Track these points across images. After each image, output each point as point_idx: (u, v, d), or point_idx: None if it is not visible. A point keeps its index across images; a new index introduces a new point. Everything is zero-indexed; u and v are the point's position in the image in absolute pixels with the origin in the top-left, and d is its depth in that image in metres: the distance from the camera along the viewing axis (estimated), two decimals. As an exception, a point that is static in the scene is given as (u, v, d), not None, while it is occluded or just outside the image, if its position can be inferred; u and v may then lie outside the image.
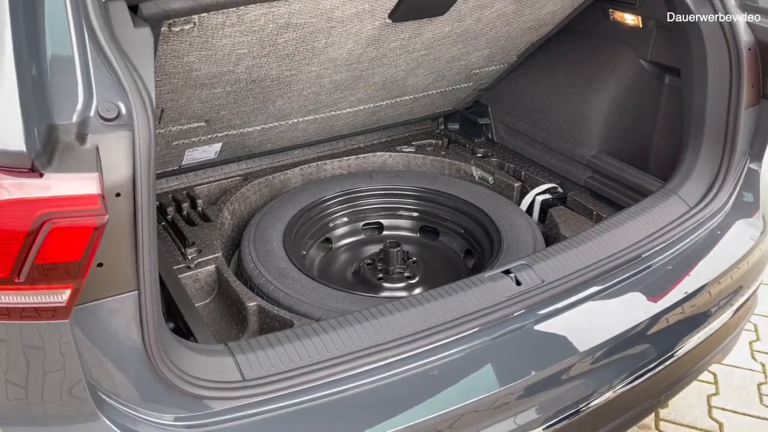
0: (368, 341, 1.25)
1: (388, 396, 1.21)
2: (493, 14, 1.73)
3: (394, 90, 2.03)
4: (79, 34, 0.98)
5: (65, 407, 1.00)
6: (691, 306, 1.54)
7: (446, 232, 2.11)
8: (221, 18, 1.26)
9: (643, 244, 1.58)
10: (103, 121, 0.95)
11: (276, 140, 2.06)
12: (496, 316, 1.35)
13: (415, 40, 1.73)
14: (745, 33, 1.67)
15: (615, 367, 1.41)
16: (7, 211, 0.87)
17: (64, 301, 0.93)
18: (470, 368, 1.28)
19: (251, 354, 1.20)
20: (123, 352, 1.04)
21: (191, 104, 1.58)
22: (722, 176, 1.76)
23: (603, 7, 1.98)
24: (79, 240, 0.90)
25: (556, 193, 2.11)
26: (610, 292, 1.48)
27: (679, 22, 1.74)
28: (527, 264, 1.47)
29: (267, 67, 1.54)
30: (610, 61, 2.05)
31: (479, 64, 2.08)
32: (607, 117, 2.07)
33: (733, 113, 1.72)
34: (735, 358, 2.49)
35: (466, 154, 2.36)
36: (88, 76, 0.97)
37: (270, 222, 1.90)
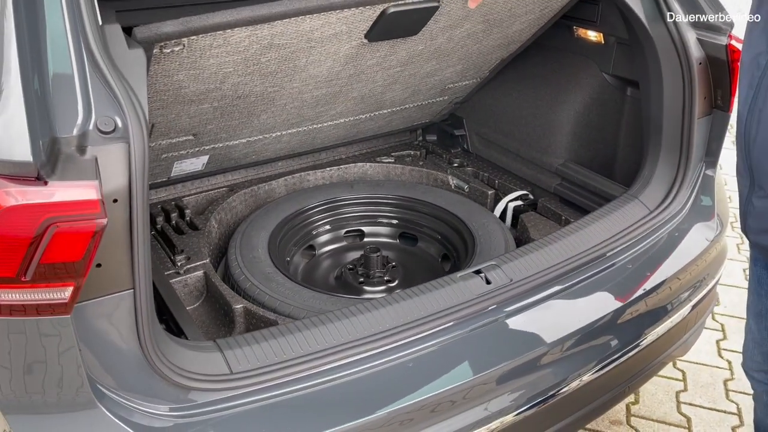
0: (348, 336, 1.35)
1: (366, 386, 1.30)
2: (464, 33, 1.84)
3: (373, 104, 2.13)
4: (78, 55, 1.07)
5: (66, 397, 1.09)
6: (651, 301, 1.65)
7: (424, 237, 2.20)
8: (209, 40, 1.35)
9: (606, 245, 1.69)
10: (101, 134, 1.04)
11: (260, 152, 2.15)
12: (467, 312, 1.44)
13: (390, 57, 1.83)
14: (695, 49, 1.79)
15: (580, 357, 1.51)
16: (15, 216, 0.95)
17: (66, 298, 1.02)
18: (443, 360, 1.38)
19: (238, 349, 1.29)
20: (119, 346, 1.12)
21: (180, 119, 1.67)
22: (679, 182, 1.87)
23: (568, 24, 2.10)
24: (81, 242, 0.99)
25: (527, 200, 2.21)
26: (575, 289, 1.59)
27: (636, 38, 1.87)
28: (496, 264, 1.57)
29: (251, 84, 1.64)
30: (575, 75, 2.16)
31: (453, 79, 2.19)
32: (573, 127, 2.18)
33: (688, 123, 1.84)
34: (703, 356, 2.61)
35: (443, 164, 2.47)
36: (87, 92, 1.06)
37: (255, 230, 1.99)
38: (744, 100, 1.26)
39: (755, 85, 1.22)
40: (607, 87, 2.11)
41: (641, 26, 1.82)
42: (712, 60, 1.79)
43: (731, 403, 2.39)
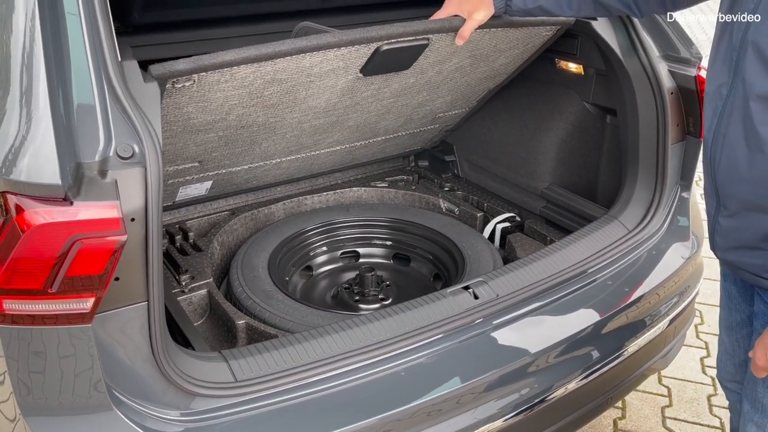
0: (344, 347, 1.44)
1: (362, 394, 1.40)
2: (452, 67, 1.97)
3: (367, 132, 2.25)
4: (100, 88, 1.18)
5: (84, 401, 1.17)
6: (630, 315, 1.75)
7: (417, 258, 2.31)
8: (217, 76, 1.47)
9: (587, 262, 1.79)
10: (120, 160, 1.14)
11: (261, 178, 2.26)
12: (456, 325, 1.54)
13: (384, 90, 1.95)
14: (667, 79, 1.92)
15: (563, 367, 1.60)
16: (45, 233, 1.06)
17: (88, 308, 1.11)
18: (434, 369, 1.47)
19: (242, 359, 1.38)
20: (134, 354, 1.22)
21: (187, 147, 1.78)
22: (656, 203, 1.98)
23: (550, 57, 2.23)
24: (103, 257, 1.09)
25: (515, 222, 2.31)
26: (558, 303, 1.69)
27: (612, 70, 2.00)
28: (484, 281, 1.68)
29: (254, 115, 1.75)
30: (558, 104, 2.29)
31: (443, 109, 2.32)
32: (557, 153, 2.30)
33: (662, 148, 1.96)
34: (687, 373, 2.70)
35: (435, 188, 2.58)
36: (108, 122, 1.16)
37: (256, 251, 2.09)
38: (709, 127, 1.37)
39: (719, 113, 1.32)
40: (587, 115, 2.23)
41: (617, 59, 1.95)
42: (682, 90, 1.92)
43: (714, 417, 2.47)
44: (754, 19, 1.21)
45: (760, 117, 1.21)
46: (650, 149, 1.98)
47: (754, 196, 1.28)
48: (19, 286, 1.08)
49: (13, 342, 1.13)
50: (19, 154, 1.10)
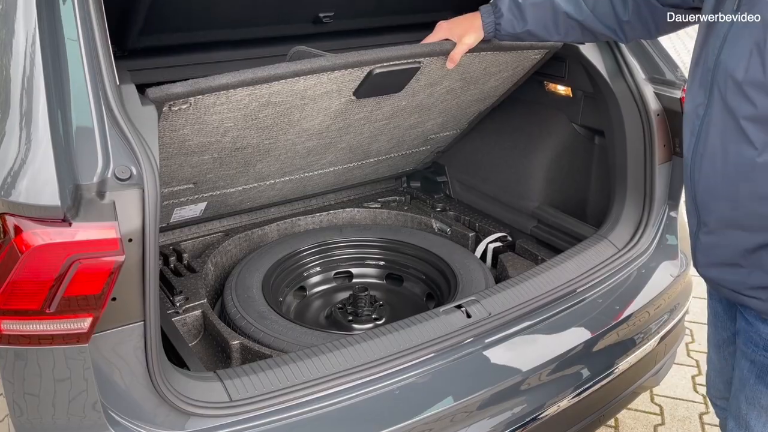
0: (339, 366, 1.45)
1: (357, 412, 1.40)
2: (443, 90, 2.01)
3: (360, 154, 2.28)
4: (98, 111, 1.21)
5: (79, 421, 1.18)
6: (620, 333, 1.77)
7: (409, 278, 2.32)
8: (213, 99, 1.49)
9: (577, 281, 1.81)
10: (118, 181, 1.16)
11: (255, 199, 2.28)
12: (449, 343, 1.55)
13: (376, 112, 1.98)
14: (653, 101, 1.97)
15: (555, 385, 1.62)
16: (44, 254, 1.07)
17: (86, 328, 1.12)
18: (428, 387, 1.48)
19: (237, 379, 1.39)
20: (130, 374, 1.22)
21: (182, 169, 1.80)
22: (645, 222, 2.02)
23: (539, 79, 2.28)
24: (101, 277, 1.10)
25: (506, 241, 2.34)
26: (549, 321, 1.71)
27: (599, 92, 2.05)
28: (476, 299, 1.69)
29: (249, 137, 1.78)
30: (547, 125, 2.33)
31: (434, 130, 2.35)
32: (547, 173, 2.34)
33: (650, 169, 2.00)
34: (679, 391, 2.71)
35: (427, 209, 2.61)
36: (106, 144, 1.19)
37: (249, 272, 2.10)
38: (688, 146, 1.40)
39: (696, 133, 1.36)
40: (576, 136, 2.27)
41: (604, 82, 2.00)
42: (668, 111, 1.97)
43: (707, 435, 2.49)
44: (724, 45, 1.25)
45: (734, 136, 1.25)
46: (638, 169, 2.02)
47: (732, 213, 1.31)
48: (17, 306, 1.09)
49: (9, 362, 1.13)
50: (18, 176, 1.12)
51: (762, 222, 1.27)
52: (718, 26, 1.29)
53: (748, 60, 1.18)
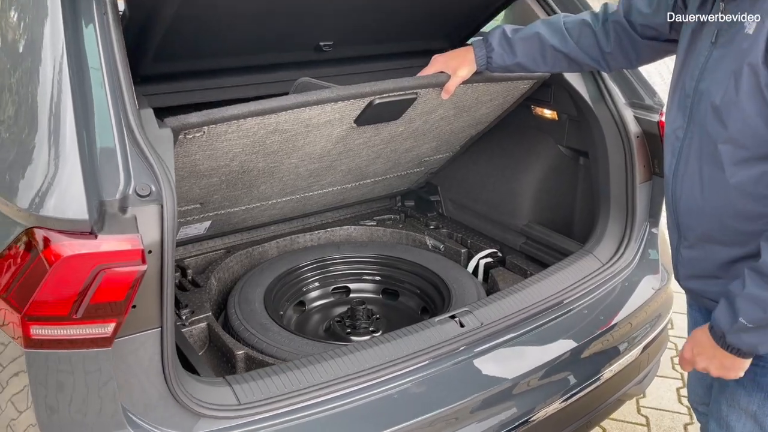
0: (340, 372, 1.54)
1: (356, 415, 1.49)
2: (438, 117, 2.12)
3: (358, 175, 2.38)
4: (120, 133, 1.30)
5: (102, 419, 1.26)
6: (605, 342, 1.87)
7: (405, 292, 2.42)
8: (224, 127, 1.60)
9: (564, 293, 1.91)
10: (139, 197, 1.26)
11: (257, 218, 2.38)
12: (444, 351, 1.65)
13: (375, 137, 2.08)
14: (633, 124, 2.09)
15: (544, 391, 1.71)
16: (72, 264, 1.16)
17: (109, 332, 1.21)
18: (422, 393, 1.57)
19: (244, 384, 1.47)
20: (147, 377, 1.31)
21: (192, 191, 1.90)
22: (627, 238, 2.13)
23: (527, 104, 2.39)
24: (124, 285, 1.19)
25: (497, 257, 2.44)
26: (538, 331, 1.80)
27: (583, 116, 2.18)
28: (469, 310, 1.79)
29: (256, 161, 1.88)
30: (535, 147, 2.45)
31: (428, 153, 2.46)
32: (535, 192, 2.45)
33: (631, 188, 2.11)
34: (665, 403, 2.81)
35: (421, 227, 2.72)
36: (127, 163, 1.28)
37: (252, 287, 2.19)
38: (668, 166, 1.52)
39: (676, 154, 1.47)
40: (562, 157, 2.39)
41: (587, 106, 2.13)
42: (647, 134, 2.09)
43: (691, 445, 2.58)
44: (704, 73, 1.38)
45: (710, 159, 1.37)
46: (620, 188, 2.13)
47: (710, 228, 1.42)
48: (47, 312, 1.18)
49: (38, 364, 1.22)
50: (48, 193, 1.21)
51: (738, 237, 1.37)
52: (695, 57, 1.41)
53: (725, 86, 1.30)
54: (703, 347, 1.40)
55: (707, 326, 1.40)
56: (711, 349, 1.38)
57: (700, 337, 1.41)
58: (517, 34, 1.80)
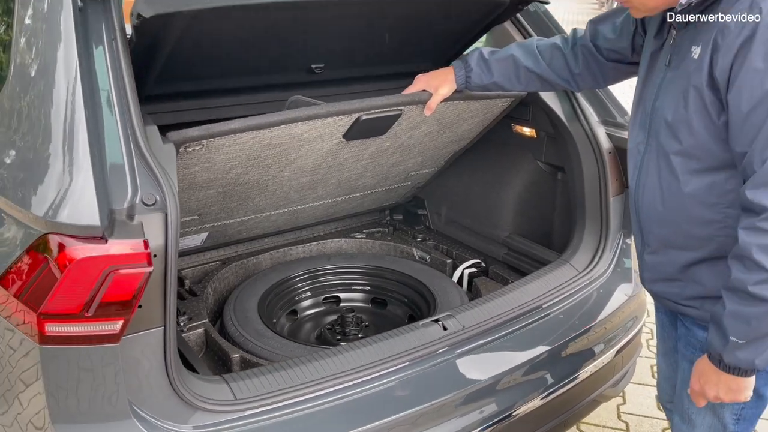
0: (330, 371, 1.65)
1: (345, 410, 1.60)
2: (422, 133, 2.26)
3: (348, 189, 2.50)
4: (127, 148, 1.42)
5: (108, 410, 1.36)
6: (580, 344, 1.99)
7: (393, 302, 2.52)
8: (222, 141, 1.72)
9: (542, 299, 2.03)
10: (145, 206, 1.37)
11: (251, 230, 2.50)
12: (428, 351, 1.76)
13: (363, 152, 2.21)
14: (605, 141, 2.23)
15: (523, 388, 1.82)
16: (86, 266, 1.27)
17: (117, 329, 1.32)
18: (407, 389, 1.68)
19: (240, 382, 1.58)
20: (151, 371, 1.42)
21: (190, 202, 2.02)
22: (602, 248, 2.25)
23: (507, 122, 2.53)
24: (132, 285, 1.31)
25: (480, 267, 2.56)
26: (517, 333, 1.92)
27: (559, 133, 2.32)
28: (452, 314, 1.91)
29: (250, 174, 2.00)
30: (515, 163, 2.59)
31: (414, 168, 2.59)
32: (516, 206, 2.58)
33: (604, 200, 2.24)
34: (644, 409, 2.91)
35: (408, 239, 2.83)
36: (134, 175, 1.40)
37: (246, 295, 2.29)
38: (632, 177, 1.65)
39: (638, 167, 1.61)
40: (541, 172, 2.53)
41: (562, 124, 2.27)
42: (619, 150, 2.23)
43: (669, 448, 2.68)
44: (659, 93, 1.52)
45: (666, 170, 1.50)
46: (594, 201, 2.26)
47: (670, 234, 1.55)
48: (60, 311, 1.29)
49: (50, 359, 1.32)
50: (63, 203, 1.33)
51: (695, 242, 1.50)
52: (653, 79, 1.56)
53: (676, 104, 1.44)
54: (707, 376, 1.43)
55: (706, 355, 1.43)
56: (715, 375, 1.41)
57: (703, 366, 1.45)
58: (494, 56, 1.94)
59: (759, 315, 1.28)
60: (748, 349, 1.34)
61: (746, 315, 1.31)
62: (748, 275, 1.27)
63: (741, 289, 1.30)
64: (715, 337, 1.39)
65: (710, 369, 1.42)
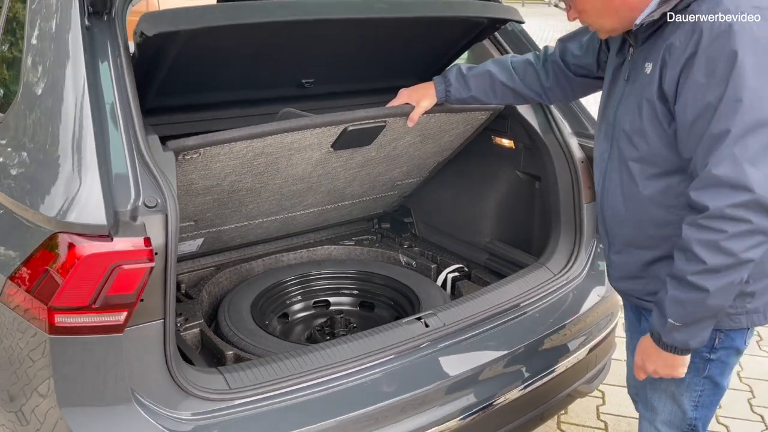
0: (318, 363, 1.77)
1: (331, 399, 1.71)
2: (406, 144, 2.40)
3: (337, 197, 2.63)
4: (131, 155, 1.55)
5: (111, 395, 1.48)
6: (555, 340, 2.12)
7: (380, 305, 2.64)
8: (218, 150, 1.85)
9: (518, 299, 2.16)
10: (147, 208, 1.50)
11: (245, 236, 2.62)
12: (411, 346, 1.88)
13: (350, 161, 2.35)
14: (577, 151, 2.37)
15: (498, 381, 1.94)
16: (93, 261, 1.39)
17: (122, 320, 1.44)
18: (391, 381, 1.80)
19: (234, 373, 1.69)
20: (151, 360, 1.53)
21: (187, 208, 2.14)
22: (576, 252, 2.39)
23: (487, 134, 2.67)
24: (135, 279, 1.43)
25: (463, 272, 2.68)
26: (495, 330, 2.04)
27: (535, 144, 2.46)
28: (433, 313, 2.04)
29: (244, 181, 2.13)
30: (495, 173, 2.72)
31: (400, 178, 2.73)
32: (496, 213, 2.72)
33: (578, 207, 2.38)
34: (623, 409, 3.02)
35: (395, 246, 2.96)
36: (137, 180, 1.52)
37: (240, 298, 2.41)
38: (598, 184, 1.78)
39: (603, 173, 1.74)
40: (520, 181, 2.66)
41: (537, 136, 2.41)
42: (590, 159, 2.37)
43: (646, 447, 2.79)
44: (619, 105, 1.66)
45: (626, 175, 1.64)
46: (569, 208, 2.40)
47: (632, 235, 1.68)
48: (69, 303, 1.41)
49: (60, 348, 1.44)
50: (72, 204, 1.45)
51: (654, 241, 1.63)
52: (614, 92, 1.70)
53: (633, 115, 1.58)
54: (648, 353, 1.58)
55: (649, 334, 1.57)
56: (655, 352, 1.56)
57: (645, 344, 1.59)
58: (471, 72, 2.09)
59: (695, 301, 1.42)
60: (684, 331, 1.48)
61: (684, 301, 1.44)
62: (688, 266, 1.41)
63: (681, 278, 1.43)
64: (656, 319, 1.53)
65: (651, 346, 1.56)
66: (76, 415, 1.47)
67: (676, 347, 1.51)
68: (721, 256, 1.36)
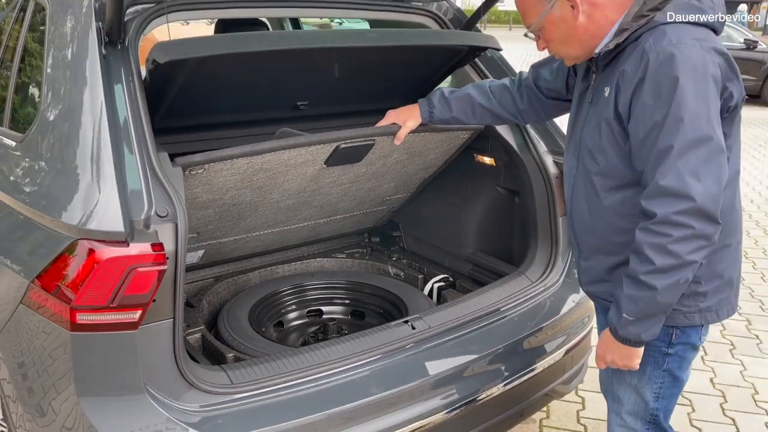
0: (312, 362, 1.92)
1: (324, 394, 1.86)
2: (393, 161, 2.58)
3: (329, 211, 2.80)
4: (144, 171, 1.72)
5: (125, 386, 1.63)
6: (533, 342, 2.28)
7: (370, 313, 2.80)
8: (221, 165, 2.02)
9: (498, 304, 2.33)
10: (159, 218, 1.66)
11: (242, 248, 2.78)
12: (398, 346, 2.04)
13: (342, 177, 2.52)
14: (552, 167, 2.55)
15: (479, 379, 2.10)
16: (112, 264, 1.55)
17: (137, 318, 1.59)
18: (379, 378, 1.95)
19: (236, 370, 1.85)
20: (162, 355, 1.68)
21: (191, 221, 2.29)
22: (552, 262, 2.56)
23: (470, 152, 2.85)
24: (150, 280, 1.59)
25: (448, 281, 2.85)
26: (477, 332, 2.21)
27: (513, 161, 2.65)
28: (420, 316, 2.20)
29: (244, 196, 2.30)
30: (477, 188, 2.90)
31: (389, 193, 2.90)
32: (479, 226, 2.89)
33: (554, 220, 2.56)
34: (602, 414, 3.17)
35: (384, 258, 3.13)
36: (150, 193, 1.69)
37: (238, 307, 2.56)
38: (567, 196, 1.96)
39: (571, 186, 1.92)
40: (500, 196, 2.84)
41: (515, 154, 2.60)
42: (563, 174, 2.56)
43: (622, 446, 2.94)
44: (585, 125, 1.85)
45: (592, 188, 1.82)
46: (545, 221, 2.58)
47: (596, 242, 1.86)
48: (90, 303, 1.56)
49: (80, 344, 1.59)
50: (93, 214, 1.61)
51: (615, 248, 1.80)
52: (581, 114, 1.89)
53: (594, 134, 1.77)
54: (608, 345, 1.74)
55: (608, 327, 1.76)
56: (613, 344, 1.72)
57: (605, 337, 1.77)
58: (453, 95, 2.28)
59: (646, 298, 1.59)
60: (637, 325, 1.64)
61: (636, 297, 1.61)
62: (640, 266, 1.59)
63: (634, 277, 1.61)
64: (613, 314, 1.70)
65: (610, 339, 1.73)
66: (92, 404, 1.62)
67: (630, 340, 1.68)
68: (668, 257, 1.54)
